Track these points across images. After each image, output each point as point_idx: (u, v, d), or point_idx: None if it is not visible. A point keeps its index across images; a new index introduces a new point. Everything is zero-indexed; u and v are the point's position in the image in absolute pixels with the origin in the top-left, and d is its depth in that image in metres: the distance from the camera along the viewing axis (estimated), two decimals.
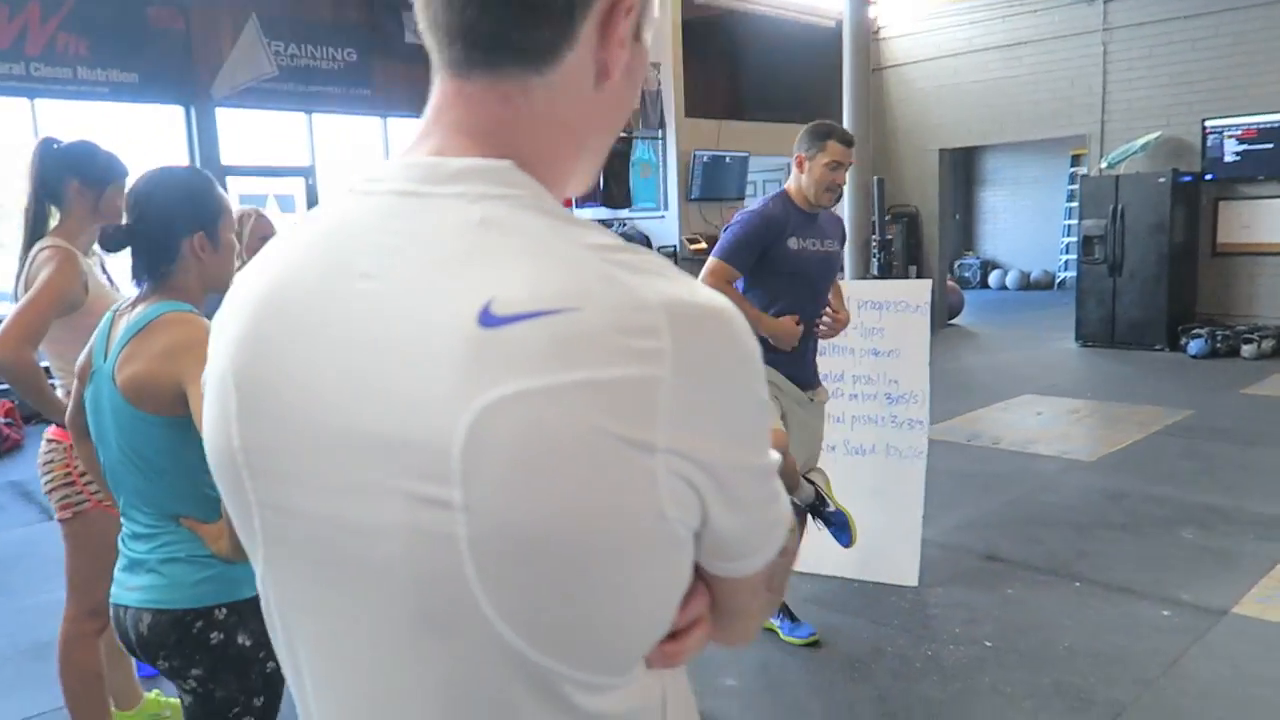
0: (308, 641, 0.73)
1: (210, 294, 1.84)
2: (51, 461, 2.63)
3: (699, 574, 0.71)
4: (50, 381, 2.61)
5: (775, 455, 0.70)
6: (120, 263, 1.91)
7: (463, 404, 0.59)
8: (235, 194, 9.97)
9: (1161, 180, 10.05)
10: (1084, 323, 10.81)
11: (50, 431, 2.64)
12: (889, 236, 12.50)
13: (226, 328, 0.73)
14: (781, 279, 3.27)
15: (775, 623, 3.60)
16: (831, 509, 3.44)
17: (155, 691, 3.12)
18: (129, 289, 1.83)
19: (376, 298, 0.63)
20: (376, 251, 0.65)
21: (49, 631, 2.80)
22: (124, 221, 1.72)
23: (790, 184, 3.36)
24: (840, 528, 3.45)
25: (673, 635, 0.72)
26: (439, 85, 0.70)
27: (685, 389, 0.60)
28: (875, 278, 7.87)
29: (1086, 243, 10.69)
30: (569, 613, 0.62)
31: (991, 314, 14.85)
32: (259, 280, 0.71)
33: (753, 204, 3.38)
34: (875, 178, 5.78)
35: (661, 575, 0.66)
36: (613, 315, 0.59)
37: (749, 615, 0.78)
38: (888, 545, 4.05)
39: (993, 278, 19.26)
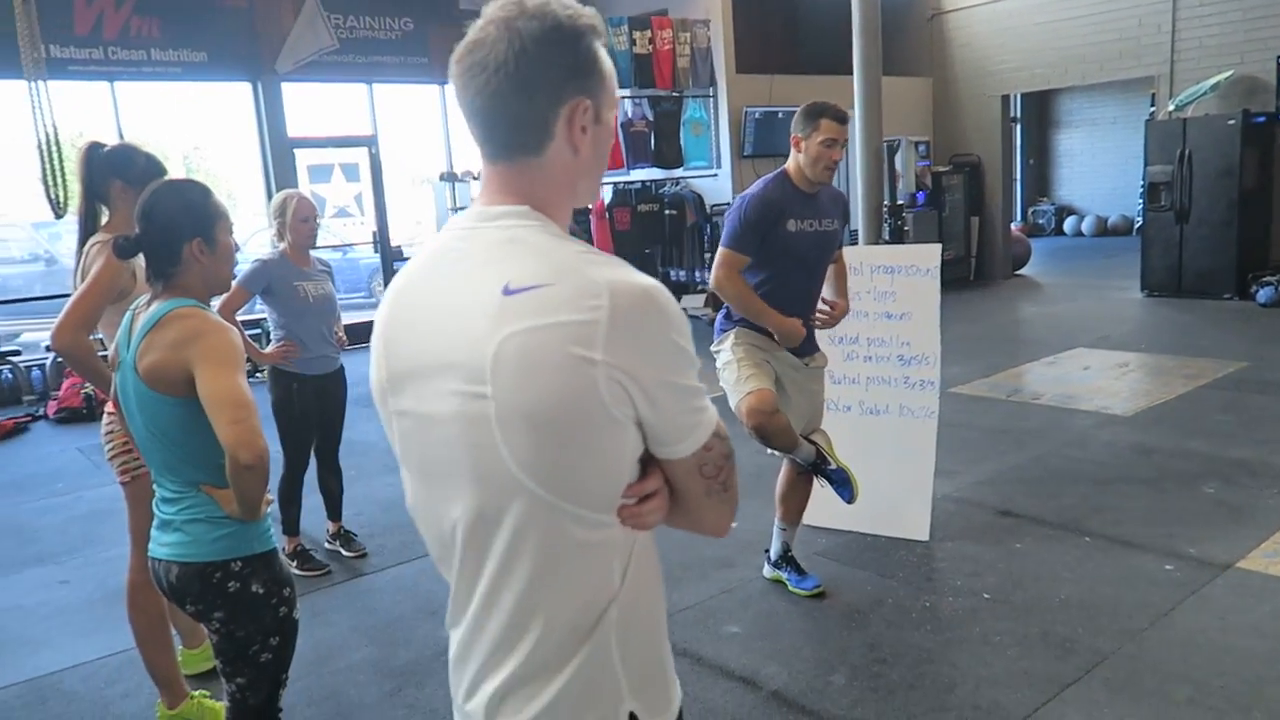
0: (422, 487, 1.21)
1: (214, 289, 2.12)
2: (112, 431, 2.99)
3: (653, 460, 1.12)
4: (103, 353, 2.95)
5: (693, 381, 1.09)
6: None
7: (491, 338, 1.03)
8: (303, 165, 10.43)
9: (1231, 122, 9.69)
10: (1150, 272, 10.56)
11: (111, 405, 2.99)
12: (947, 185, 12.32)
13: (382, 307, 1.21)
14: (778, 258, 3.43)
15: (784, 575, 3.81)
16: (832, 467, 3.61)
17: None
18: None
19: (451, 283, 1.11)
20: (454, 258, 1.14)
21: None
22: (134, 232, 2.01)
23: (789, 164, 3.49)
24: (841, 484, 3.62)
25: (640, 502, 1.11)
26: (483, 165, 1.18)
27: (616, 329, 1.01)
28: (886, 243, 7.84)
29: (1152, 190, 10.40)
30: (558, 463, 1.04)
31: (1061, 263, 14.54)
32: (400, 276, 1.21)
33: (753, 185, 3.52)
34: (885, 141, 5.77)
35: (611, 443, 1.06)
36: (574, 288, 1.03)
37: (695, 497, 1.15)
38: (900, 501, 4.21)
39: (1068, 224, 18.74)
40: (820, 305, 3.64)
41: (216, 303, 2.33)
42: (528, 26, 1.08)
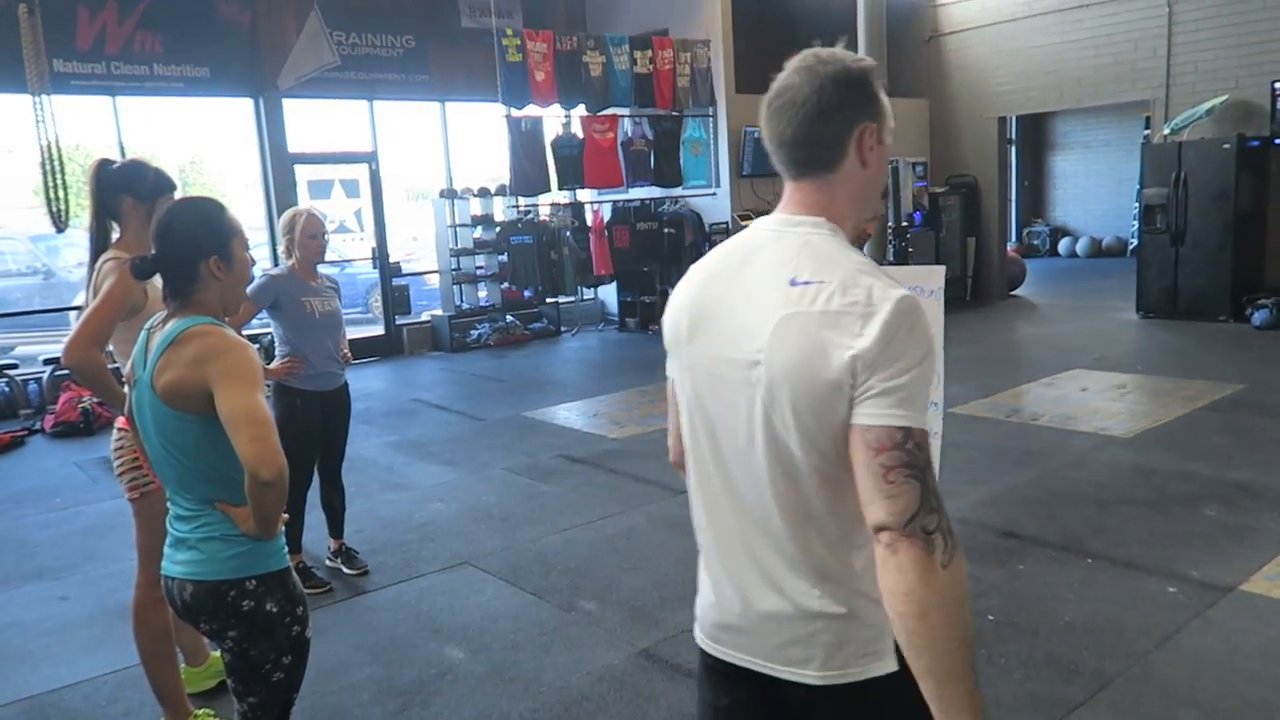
0: (700, 423, 1.48)
1: (230, 305, 2.12)
2: (122, 447, 2.98)
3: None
4: (114, 366, 2.95)
5: (913, 383, 1.26)
6: None
7: (773, 317, 1.33)
8: (303, 181, 10.45)
9: (1226, 146, 9.78)
10: (1145, 294, 10.62)
11: (121, 421, 2.98)
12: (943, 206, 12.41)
13: (685, 288, 1.51)
14: None
15: None
16: None
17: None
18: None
19: (752, 274, 1.40)
20: (754, 254, 1.42)
21: (132, 594, 3.16)
22: (149, 251, 2.01)
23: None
24: None
25: None
26: (786, 182, 1.44)
27: (868, 324, 1.27)
28: (891, 263, 7.88)
29: (1148, 212, 10.47)
30: (805, 418, 1.31)
31: (1056, 284, 14.61)
32: (705, 264, 1.51)
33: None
34: (891, 162, 5.81)
35: (838, 409, 1.29)
36: (842, 286, 1.30)
37: (872, 477, 1.28)
38: None
39: (1062, 245, 18.84)
40: None
41: None
42: (825, 70, 1.37)
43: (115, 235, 2.97)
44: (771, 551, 1.41)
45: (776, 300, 1.34)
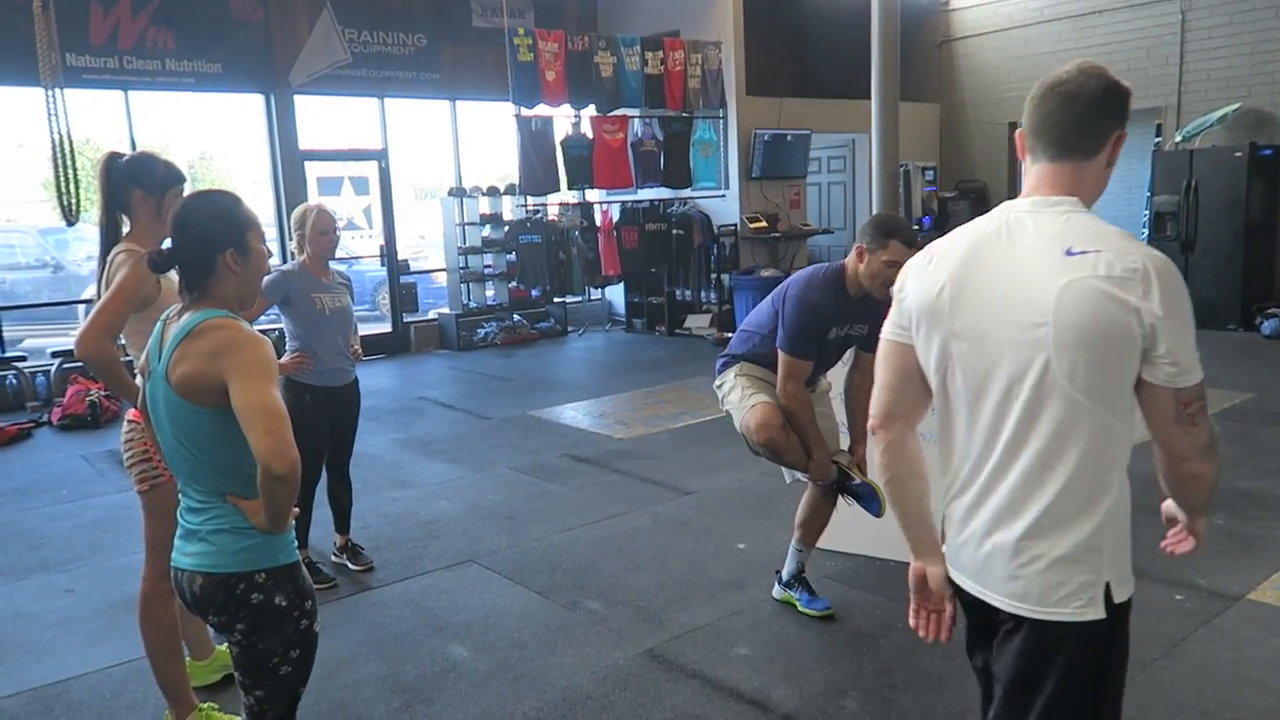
0: (960, 378, 1.69)
1: (246, 299, 2.13)
2: (131, 440, 2.98)
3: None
4: (126, 359, 2.95)
5: (1189, 333, 1.53)
6: None
7: (1056, 283, 1.54)
8: (313, 178, 10.47)
9: (1238, 154, 9.75)
10: None
11: (131, 413, 2.99)
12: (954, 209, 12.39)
13: (940, 265, 1.70)
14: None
15: (794, 596, 3.81)
16: (857, 481, 3.62)
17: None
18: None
19: (1020, 247, 1.61)
20: (1017, 230, 1.63)
21: (137, 587, 3.16)
22: (164, 244, 2.02)
23: (849, 266, 3.45)
24: (869, 498, 3.62)
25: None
26: (1042, 165, 1.67)
27: (1149, 284, 1.50)
28: None
29: (1158, 219, 10.45)
30: (1090, 371, 1.53)
31: None
32: (964, 236, 1.71)
33: (811, 281, 3.50)
34: (902, 166, 5.82)
35: (1127, 362, 1.54)
36: (1117, 254, 1.52)
37: (1168, 422, 1.60)
38: None
39: None
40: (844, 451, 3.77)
41: None
42: (1106, 77, 1.65)
43: (125, 229, 2.98)
44: (1027, 491, 1.62)
45: (1053, 268, 1.55)
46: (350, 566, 4.43)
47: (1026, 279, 1.57)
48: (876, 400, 1.82)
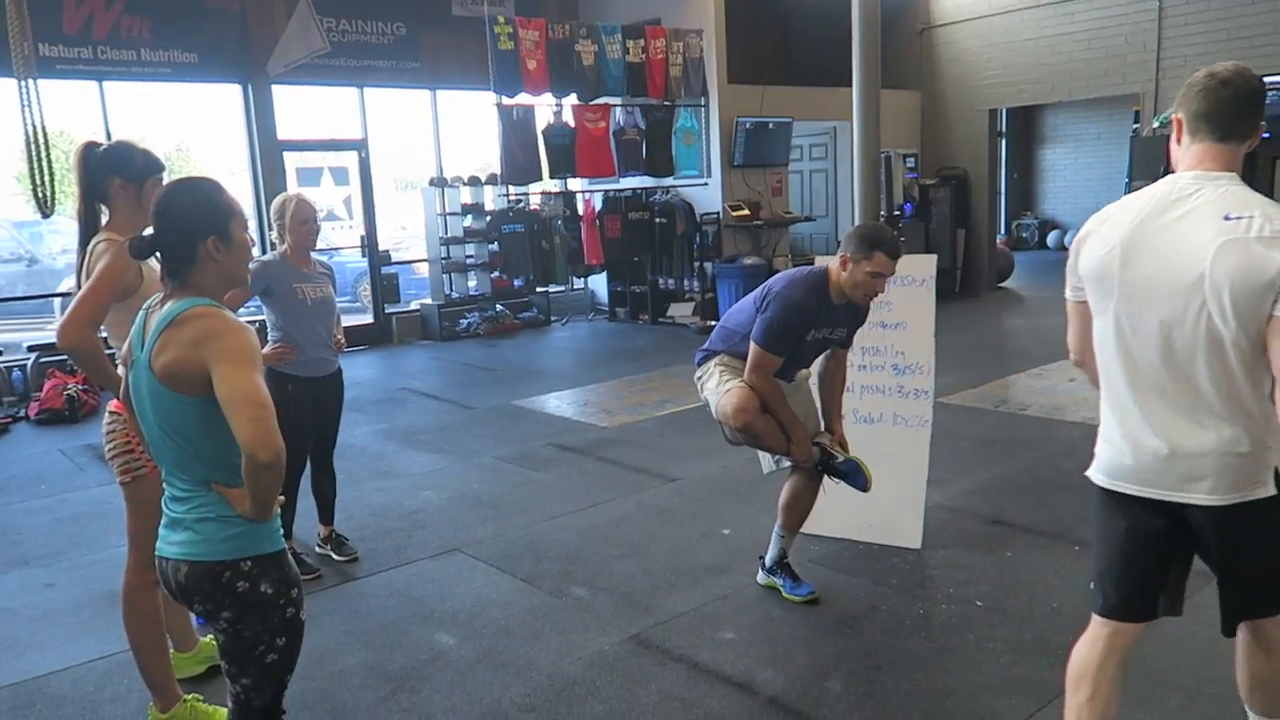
0: (1130, 325, 2.08)
1: (230, 287, 2.11)
2: (113, 431, 2.96)
3: None
4: (109, 353, 2.93)
5: None
6: None
7: (1213, 243, 1.94)
8: (292, 168, 10.38)
9: None
10: None
11: (112, 404, 2.96)
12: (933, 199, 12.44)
13: (1111, 230, 2.10)
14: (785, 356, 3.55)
15: (778, 581, 3.83)
16: (840, 459, 3.64)
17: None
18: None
19: (1180, 213, 2.01)
20: (1181, 201, 2.02)
21: (119, 581, 3.14)
22: (145, 231, 2.00)
23: (832, 271, 3.49)
24: (854, 474, 3.64)
25: None
26: (1206, 145, 2.04)
27: None
28: None
29: None
30: (1241, 312, 1.92)
31: (1044, 276, 14.66)
32: (1135, 203, 2.09)
33: (793, 281, 3.52)
34: (884, 153, 5.84)
35: (1267, 303, 1.90)
36: (1266, 217, 1.92)
37: None
38: (892, 510, 4.23)
39: (1051, 237, 18.91)
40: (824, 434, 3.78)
41: None
42: (1257, 77, 2.04)
43: (105, 219, 2.95)
44: (1197, 408, 2.03)
45: (1214, 231, 1.93)
46: (335, 557, 4.42)
47: (1189, 238, 1.97)
48: (1074, 344, 2.31)
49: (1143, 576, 2.22)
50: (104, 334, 2.87)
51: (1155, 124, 10.57)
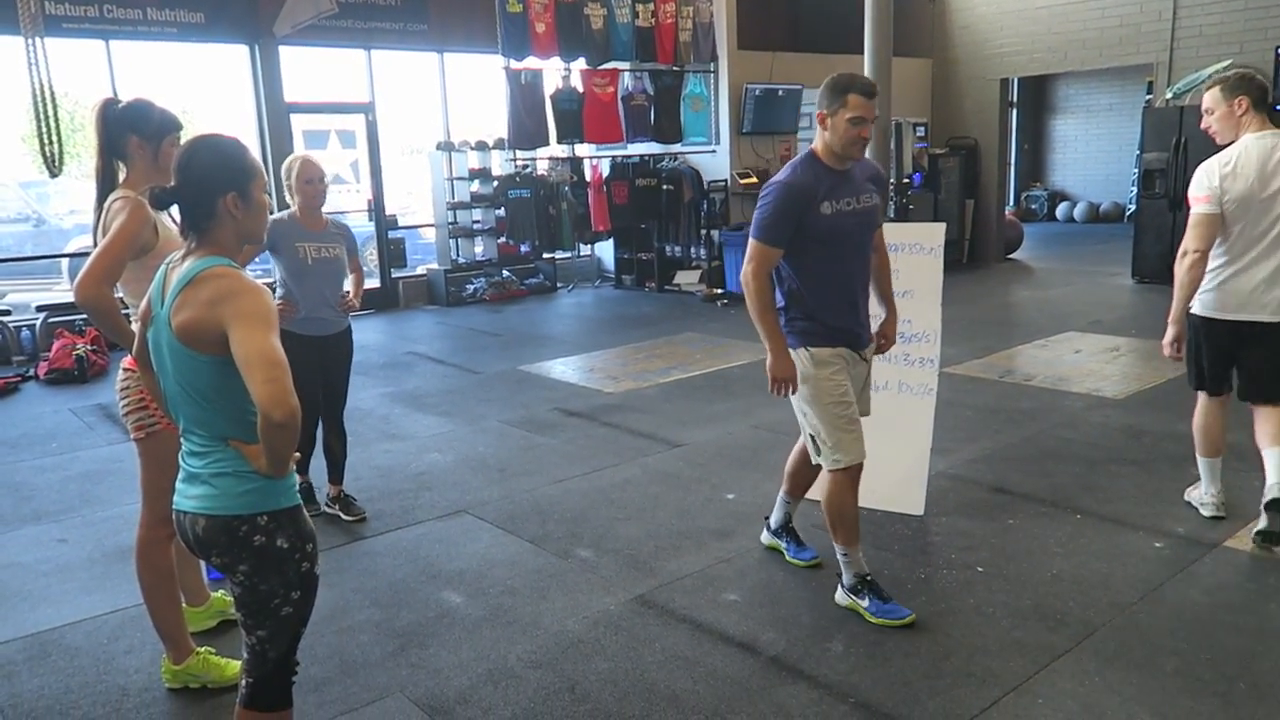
0: (1249, 223, 3.74)
1: (246, 244, 2.14)
2: (128, 388, 2.99)
3: None
4: (125, 313, 2.96)
5: None
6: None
7: None
8: (299, 131, 10.34)
9: None
10: (1141, 259, 10.64)
11: (127, 361, 2.99)
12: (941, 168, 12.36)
13: (1245, 167, 3.65)
14: (817, 247, 3.24)
15: (782, 544, 3.88)
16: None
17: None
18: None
19: (1270, 155, 3.66)
20: (1276, 149, 3.67)
21: (130, 537, 3.21)
22: (169, 184, 2.03)
23: (816, 143, 3.29)
24: None
25: None
26: (1263, 116, 3.74)
27: None
28: (892, 220, 7.87)
29: (1147, 176, 10.46)
30: None
31: (1052, 248, 14.61)
32: (1250, 151, 3.66)
33: (780, 172, 3.33)
34: (894, 121, 5.79)
35: None
36: None
37: None
38: (896, 477, 4.26)
39: (1060, 209, 18.81)
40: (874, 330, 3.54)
41: None
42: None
43: (122, 176, 2.96)
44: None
45: None
46: (343, 517, 4.48)
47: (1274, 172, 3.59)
48: (1202, 244, 3.71)
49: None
50: (119, 293, 2.89)
51: (1168, 94, 10.48)
